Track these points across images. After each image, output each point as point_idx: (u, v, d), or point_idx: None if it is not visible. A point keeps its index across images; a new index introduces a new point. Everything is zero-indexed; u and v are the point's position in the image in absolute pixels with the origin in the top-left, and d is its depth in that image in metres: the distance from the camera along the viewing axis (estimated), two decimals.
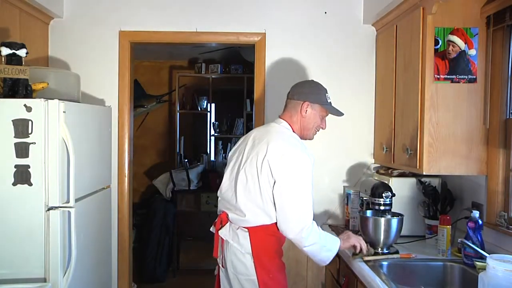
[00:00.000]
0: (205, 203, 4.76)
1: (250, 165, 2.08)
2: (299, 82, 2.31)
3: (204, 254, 5.23)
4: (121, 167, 3.16)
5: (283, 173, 2.01)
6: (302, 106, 2.16)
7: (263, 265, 2.06)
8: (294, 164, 2.03)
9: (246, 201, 2.08)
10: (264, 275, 2.06)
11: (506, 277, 1.52)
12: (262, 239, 2.07)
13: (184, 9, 3.14)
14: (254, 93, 3.22)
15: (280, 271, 2.14)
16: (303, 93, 2.19)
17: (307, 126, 2.19)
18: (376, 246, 2.35)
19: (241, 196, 2.09)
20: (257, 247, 2.06)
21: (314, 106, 2.17)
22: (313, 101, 2.17)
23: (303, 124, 2.19)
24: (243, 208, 2.08)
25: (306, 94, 2.18)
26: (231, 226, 2.14)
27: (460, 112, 2.33)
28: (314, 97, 2.17)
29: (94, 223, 2.60)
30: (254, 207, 2.06)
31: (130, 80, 3.18)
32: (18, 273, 2.06)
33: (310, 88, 2.22)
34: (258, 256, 2.06)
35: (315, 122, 2.19)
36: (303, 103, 2.16)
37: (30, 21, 2.81)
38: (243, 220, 2.08)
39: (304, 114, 2.17)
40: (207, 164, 5.29)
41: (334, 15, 3.16)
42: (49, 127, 2.06)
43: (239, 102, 5.44)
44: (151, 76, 5.60)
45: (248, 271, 2.08)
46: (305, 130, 2.20)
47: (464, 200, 2.58)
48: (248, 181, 2.07)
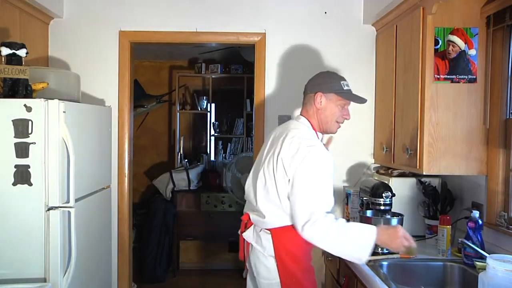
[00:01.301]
0: (205, 203, 4.76)
1: (268, 165, 2.03)
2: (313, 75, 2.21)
3: (204, 254, 5.24)
4: (121, 167, 3.16)
5: (295, 168, 1.93)
6: (315, 97, 2.07)
7: (287, 268, 1.99)
8: (307, 160, 1.93)
9: (265, 202, 2.02)
10: (287, 278, 1.99)
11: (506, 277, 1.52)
12: (285, 241, 2.00)
13: (184, 9, 3.14)
14: (254, 93, 3.22)
15: (305, 275, 2.04)
16: (315, 84, 2.11)
17: (325, 118, 2.09)
18: (376, 246, 2.35)
19: (261, 197, 2.03)
20: (280, 249, 2.00)
21: (329, 96, 2.07)
22: (326, 90, 2.07)
23: (320, 116, 2.09)
24: (263, 209, 2.02)
25: (319, 85, 2.09)
26: (254, 228, 2.09)
27: (460, 112, 2.33)
28: (326, 86, 2.07)
29: (94, 223, 2.60)
30: (273, 208, 2.00)
31: (130, 80, 3.18)
32: (18, 273, 2.06)
33: (322, 78, 2.13)
34: (281, 258, 2.00)
35: (333, 113, 2.09)
36: (316, 94, 2.08)
37: (30, 21, 2.81)
38: (263, 221, 2.03)
39: (318, 106, 2.07)
40: (207, 164, 5.29)
41: (334, 15, 3.16)
42: (49, 127, 2.07)
43: (239, 102, 5.44)
44: (151, 76, 5.60)
45: (271, 275, 2.02)
46: (323, 123, 2.10)
47: (464, 200, 2.58)
48: (267, 182, 2.02)
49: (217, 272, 5.06)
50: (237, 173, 4.48)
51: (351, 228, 1.96)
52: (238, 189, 4.47)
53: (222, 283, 4.75)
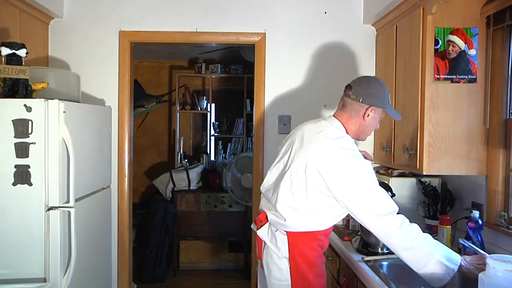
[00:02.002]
0: (205, 203, 4.76)
1: (297, 169, 1.93)
2: (363, 78, 2.10)
3: (204, 254, 5.24)
4: (121, 167, 3.16)
5: (341, 185, 1.86)
6: (367, 110, 1.98)
7: (300, 271, 1.97)
8: (350, 173, 1.86)
9: (288, 206, 1.95)
10: (299, 281, 1.97)
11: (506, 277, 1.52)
12: (301, 244, 1.97)
13: (184, 9, 3.15)
14: (254, 93, 3.22)
15: (317, 279, 2.01)
16: (369, 95, 1.97)
17: (366, 130, 2.03)
18: (376, 246, 2.35)
19: (283, 200, 1.95)
20: (295, 252, 1.96)
21: (377, 111, 2.00)
22: (378, 105, 1.99)
23: (362, 128, 2.02)
24: (284, 212, 1.95)
25: (372, 97, 1.97)
26: (270, 227, 2.04)
27: (460, 112, 2.33)
28: (380, 101, 1.99)
29: (94, 223, 2.60)
30: (296, 213, 1.94)
31: (130, 80, 3.18)
32: (18, 273, 2.06)
33: (376, 89, 2.00)
34: (295, 261, 1.96)
35: (374, 125, 2.05)
36: (368, 107, 1.97)
37: (30, 21, 2.81)
38: (283, 224, 1.97)
39: (366, 118, 1.99)
40: (207, 164, 5.29)
41: (334, 15, 3.16)
42: (49, 127, 2.07)
43: (239, 102, 5.44)
44: (151, 76, 5.59)
45: (283, 276, 1.99)
46: (362, 133, 2.04)
47: (464, 200, 2.58)
48: (293, 186, 1.93)
49: (217, 272, 5.06)
50: (237, 173, 4.48)
51: (436, 243, 1.88)
52: (238, 189, 4.47)
53: (222, 283, 4.75)
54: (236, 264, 5.18)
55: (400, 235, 1.84)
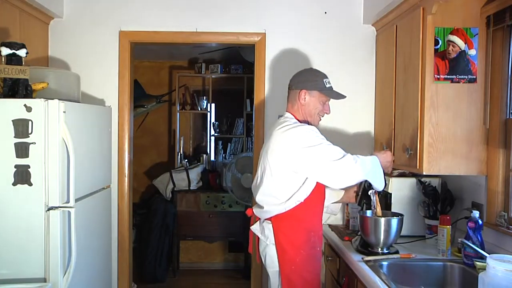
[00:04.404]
0: (205, 203, 4.76)
1: (263, 160, 2.23)
2: (299, 71, 2.36)
3: (204, 254, 5.24)
4: (121, 167, 3.16)
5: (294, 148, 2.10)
6: (300, 94, 2.24)
7: (287, 256, 2.09)
8: (299, 131, 2.13)
9: (263, 194, 2.20)
10: (286, 266, 2.07)
11: (506, 277, 1.52)
12: (284, 229, 2.13)
13: (184, 9, 3.14)
14: (254, 93, 3.22)
15: (306, 263, 2.12)
16: (300, 81, 2.27)
17: (309, 112, 2.26)
18: (376, 246, 2.35)
19: (260, 191, 2.21)
20: (279, 236, 2.12)
21: (312, 93, 2.24)
22: (310, 88, 2.24)
23: (304, 111, 2.26)
24: (261, 201, 2.21)
25: (303, 82, 2.25)
26: (260, 221, 2.25)
27: (460, 112, 2.33)
28: (311, 84, 2.24)
29: (94, 223, 2.60)
30: (270, 198, 2.17)
31: (130, 80, 3.18)
32: (18, 273, 2.06)
33: (306, 75, 2.29)
34: (281, 245, 2.11)
35: (316, 108, 2.26)
36: (300, 91, 2.24)
37: (30, 21, 2.81)
38: (264, 211, 2.19)
39: (303, 102, 2.24)
40: (207, 164, 5.29)
41: (334, 15, 3.16)
42: (49, 127, 2.07)
43: (239, 102, 5.44)
44: (151, 76, 5.59)
45: (273, 263, 2.14)
46: (308, 116, 2.26)
47: (464, 200, 2.58)
48: (264, 173, 2.19)
49: (217, 272, 5.06)
50: (237, 173, 4.48)
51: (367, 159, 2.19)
52: (238, 189, 4.47)
53: (222, 283, 4.75)
54: (236, 264, 5.18)
55: (359, 165, 2.11)
